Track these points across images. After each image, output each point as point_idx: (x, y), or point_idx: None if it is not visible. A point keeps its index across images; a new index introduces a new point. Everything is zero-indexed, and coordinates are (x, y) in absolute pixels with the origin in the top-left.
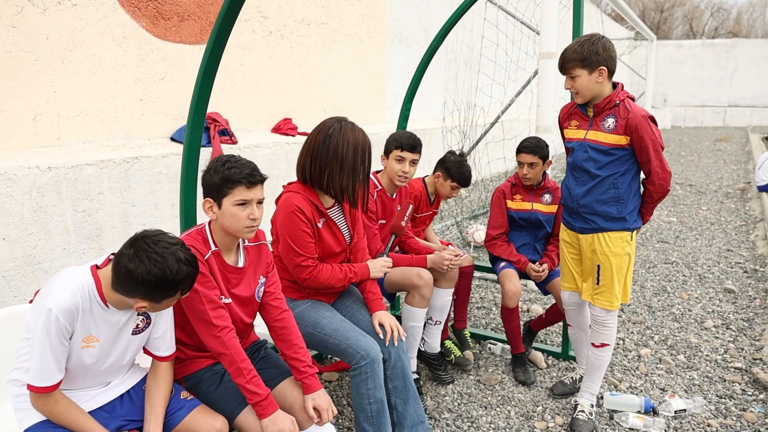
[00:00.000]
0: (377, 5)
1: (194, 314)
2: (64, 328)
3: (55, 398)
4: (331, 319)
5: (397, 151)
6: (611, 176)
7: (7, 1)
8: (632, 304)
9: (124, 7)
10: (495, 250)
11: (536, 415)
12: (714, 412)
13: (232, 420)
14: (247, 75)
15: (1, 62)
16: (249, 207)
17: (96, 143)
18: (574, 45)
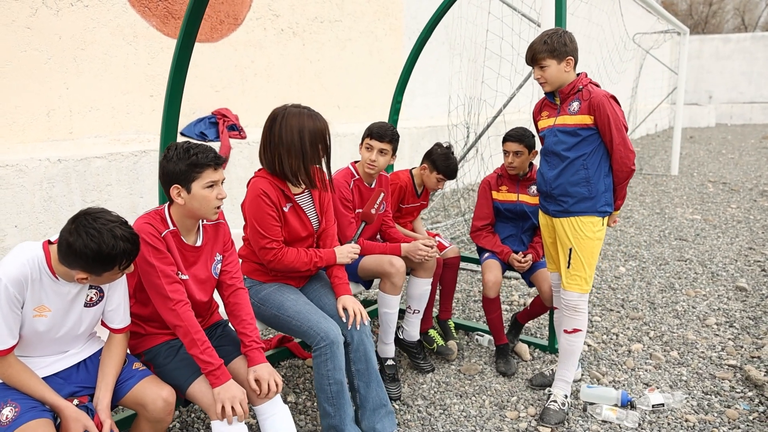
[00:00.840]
0: (394, 2)
1: (151, 288)
2: (14, 296)
3: (9, 362)
4: (295, 301)
5: (368, 139)
6: (580, 157)
7: (22, 3)
8: (634, 300)
9: (134, 7)
10: (480, 240)
11: (509, 405)
12: (695, 407)
13: (185, 389)
14: (258, 72)
15: (17, 61)
16: (217, 187)
17: (107, 137)
18: (543, 38)
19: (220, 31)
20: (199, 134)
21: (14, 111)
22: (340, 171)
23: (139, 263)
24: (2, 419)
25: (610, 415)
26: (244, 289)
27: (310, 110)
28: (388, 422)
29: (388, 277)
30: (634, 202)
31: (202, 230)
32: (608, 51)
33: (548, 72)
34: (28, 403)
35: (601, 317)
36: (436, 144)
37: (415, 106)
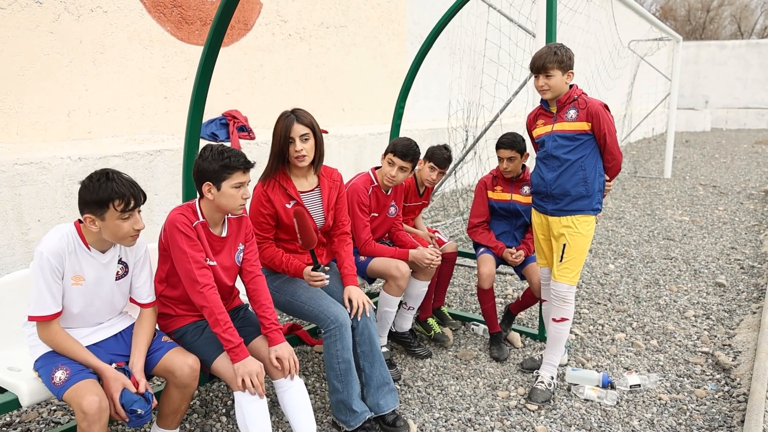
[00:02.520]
0: (397, 8)
1: (183, 272)
2: (55, 267)
3: (55, 330)
4: (307, 289)
5: (391, 155)
6: (579, 160)
7: (45, 9)
8: (620, 294)
9: (150, 13)
10: (476, 236)
11: (501, 386)
12: (668, 388)
13: (210, 364)
14: (267, 75)
15: (40, 64)
16: (243, 188)
17: (123, 137)
18: (551, 49)
19: (230, 36)
20: (210, 135)
21: (37, 111)
22: (360, 176)
23: (172, 249)
24: (56, 380)
25: (591, 394)
26: (261, 276)
27: (283, 115)
28: (391, 399)
29: (393, 280)
30: (627, 203)
31: (227, 223)
32: (602, 59)
33: (553, 81)
34: (77, 367)
35: (589, 310)
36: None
37: (417, 109)
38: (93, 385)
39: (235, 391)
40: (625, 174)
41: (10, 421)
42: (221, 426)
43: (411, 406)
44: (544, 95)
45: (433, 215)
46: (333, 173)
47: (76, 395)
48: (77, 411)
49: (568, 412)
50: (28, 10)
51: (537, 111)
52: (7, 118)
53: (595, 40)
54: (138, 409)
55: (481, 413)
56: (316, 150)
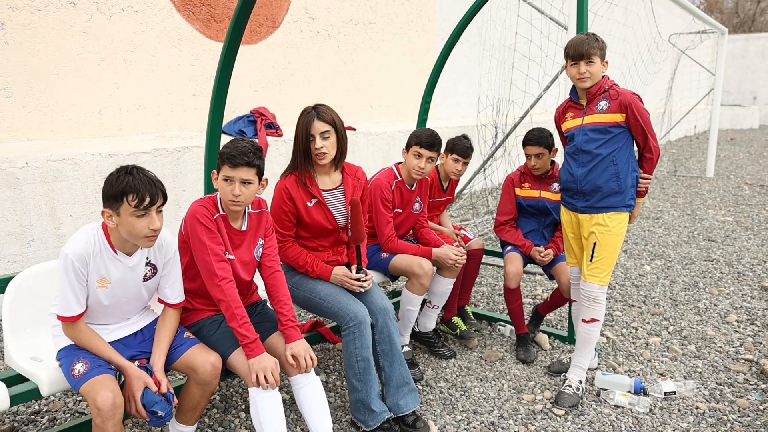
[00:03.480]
0: (427, 5)
1: (201, 264)
2: (79, 270)
3: (79, 328)
4: (326, 285)
5: (416, 147)
6: (610, 154)
7: (78, 10)
8: (656, 297)
9: (179, 11)
10: (503, 235)
11: (527, 389)
12: (707, 396)
13: (226, 358)
14: (295, 72)
15: (73, 63)
16: (231, 184)
17: (153, 134)
18: (592, 36)
19: (258, 33)
20: (238, 132)
21: (70, 109)
22: (383, 171)
23: (191, 241)
24: (75, 373)
25: (622, 400)
26: (280, 272)
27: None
28: (411, 399)
29: (416, 278)
30: (666, 203)
31: (247, 217)
32: (640, 52)
33: (593, 68)
34: (96, 361)
35: (622, 312)
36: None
37: (447, 106)
38: (109, 381)
39: (249, 387)
40: (663, 173)
41: (38, 409)
42: (240, 422)
43: (432, 407)
44: (583, 84)
45: (462, 213)
46: (357, 171)
47: (92, 389)
48: (92, 406)
49: (597, 419)
50: (63, 10)
51: (566, 104)
52: (41, 115)
53: (633, 34)
54: (159, 410)
55: (504, 417)
56: (337, 147)
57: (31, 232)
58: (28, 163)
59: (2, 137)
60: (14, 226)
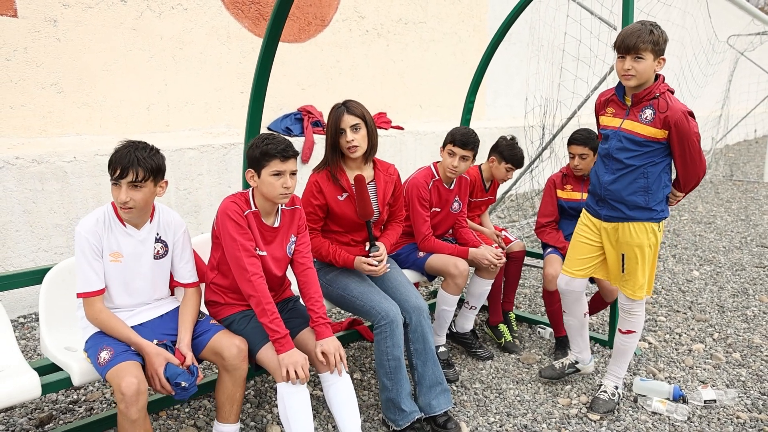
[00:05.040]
0: (478, 4)
1: (232, 260)
2: (93, 245)
3: (99, 308)
4: (359, 283)
5: (450, 145)
6: (642, 166)
7: (128, 7)
8: (702, 303)
9: (228, 9)
10: (544, 236)
11: (563, 393)
12: (749, 406)
13: (255, 353)
14: (343, 71)
15: (123, 60)
16: (283, 177)
17: (200, 130)
18: (646, 27)
19: (307, 32)
20: (285, 129)
21: (119, 105)
22: (421, 170)
23: (222, 237)
24: (101, 360)
25: (659, 407)
26: (312, 269)
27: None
28: (444, 399)
29: (451, 278)
30: (719, 208)
31: (280, 213)
32: (695, 54)
33: (642, 65)
34: (121, 348)
35: (667, 318)
36: (500, 137)
37: (498, 106)
38: (133, 367)
39: (278, 383)
40: (719, 177)
41: (76, 399)
42: (272, 417)
43: (466, 408)
44: (627, 82)
45: (509, 215)
46: (389, 168)
47: (116, 376)
48: (116, 392)
49: (633, 425)
50: (114, 8)
51: (609, 96)
52: (91, 111)
53: (688, 35)
54: (182, 381)
55: (538, 420)
56: (368, 140)
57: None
58: (76, 157)
59: (52, 131)
60: (62, 219)
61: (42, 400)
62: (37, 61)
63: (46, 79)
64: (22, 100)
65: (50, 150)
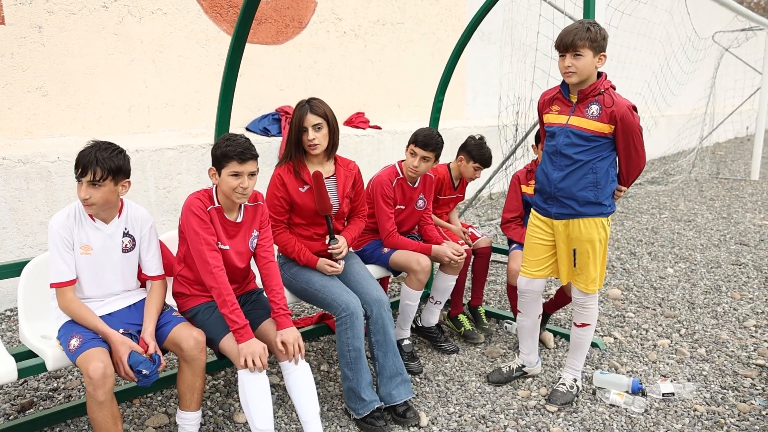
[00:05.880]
0: (457, 4)
1: (195, 253)
2: (64, 238)
3: (70, 297)
4: (321, 276)
5: (412, 145)
6: (590, 161)
7: (110, 13)
8: (673, 300)
9: (207, 13)
10: (509, 232)
11: (524, 386)
12: (708, 399)
13: (218, 342)
14: (321, 72)
15: (105, 64)
16: (240, 178)
17: (179, 131)
18: (584, 25)
19: (285, 34)
20: (263, 129)
21: (101, 107)
22: (385, 169)
23: (186, 231)
24: (71, 347)
25: (617, 400)
26: (274, 262)
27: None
28: (404, 389)
29: (414, 274)
30: (701, 206)
31: (243, 209)
32: (673, 51)
33: (582, 62)
34: (89, 335)
35: (635, 314)
36: (469, 137)
37: (477, 105)
38: (100, 353)
39: (239, 370)
40: (705, 175)
41: (56, 387)
42: (240, 406)
43: (427, 399)
44: (569, 79)
45: (488, 213)
46: (349, 164)
47: (84, 361)
48: (85, 376)
49: (589, 416)
50: (96, 14)
51: (554, 94)
52: (74, 113)
53: (665, 32)
54: (144, 369)
55: (496, 411)
56: (329, 138)
57: None
58: (59, 157)
59: (38, 133)
60: (46, 216)
61: (25, 388)
62: (23, 66)
63: (31, 83)
64: (9, 103)
65: (35, 151)
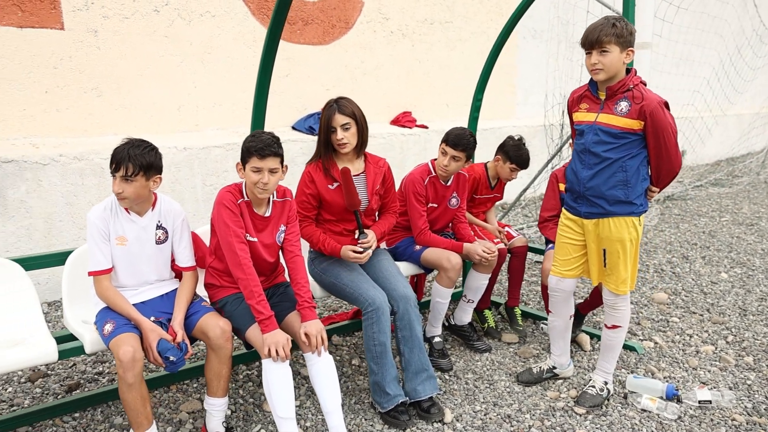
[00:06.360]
0: (507, 2)
1: (225, 245)
2: (101, 229)
3: (106, 285)
4: (350, 272)
5: (444, 144)
6: (620, 159)
7: (161, 16)
8: (723, 306)
9: (254, 15)
10: (545, 231)
11: (554, 387)
12: (749, 409)
13: (244, 332)
14: (368, 72)
15: (156, 65)
16: (260, 173)
17: (227, 129)
18: (609, 21)
19: (331, 34)
20: (308, 128)
21: (152, 107)
22: (418, 167)
23: (217, 224)
24: (105, 331)
25: (649, 405)
26: (300, 257)
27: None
28: (429, 385)
29: (444, 271)
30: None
31: (271, 204)
32: (737, 45)
33: (608, 58)
34: (122, 321)
35: (680, 319)
36: (508, 137)
37: (528, 105)
38: (131, 338)
39: (262, 359)
40: None
41: (102, 371)
42: None
43: (454, 396)
44: (596, 76)
45: (535, 213)
46: (379, 161)
47: (116, 345)
48: (116, 358)
49: (618, 420)
50: (148, 17)
51: (582, 92)
52: (126, 112)
53: (729, 27)
54: (171, 356)
55: (522, 411)
56: (358, 137)
57: None
58: None
59: (93, 132)
60: None
61: (73, 371)
62: (80, 68)
63: (87, 84)
64: (67, 103)
65: (90, 148)
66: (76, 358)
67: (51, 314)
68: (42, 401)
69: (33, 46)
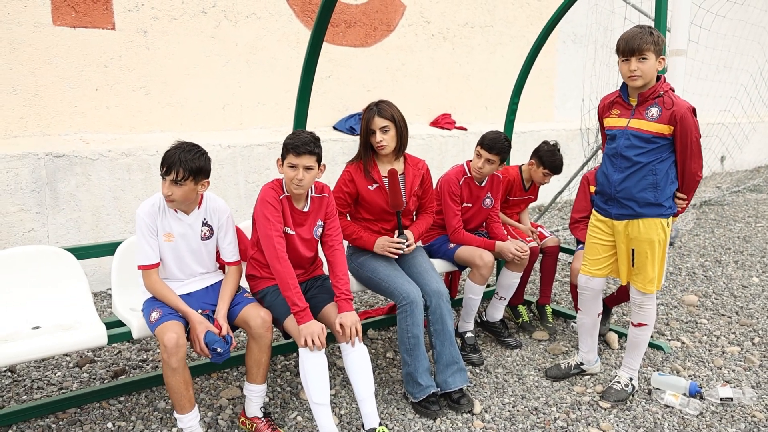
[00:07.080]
0: (548, 7)
1: (264, 239)
2: (149, 225)
3: (154, 278)
4: (386, 266)
5: (479, 147)
6: (650, 163)
7: (208, 18)
8: (753, 308)
9: (299, 17)
10: (576, 232)
11: (581, 382)
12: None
13: (282, 322)
14: (408, 74)
15: (202, 65)
16: (296, 170)
17: (270, 128)
18: (645, 30)
19: (373, 36)
20: (349, 129)
21: (198, 105)
22: (454, 168)
23: (258, 218)
24: (151, 319)
25: (672, 401)
26: (339, 251)
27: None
28: (459, 377)
29: (477, 269)
30: None
31: (310, 200)
32: None
33: (646, 65)
34: (167, 310)
35: (709, 320)
36: (543, 141)
37: (568, 108)
38: (175, 325)
39: (299, 348)
40: None
41: (146, 358)
42: None
43: (484, 389)
44: (634, 82)
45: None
46: (418, 163)
47: (161, 331)
48: (161, 344)
49: (641, 415)
50: (195, 18)
51: (613, 98)
52: (173, 110)
53: (765, 31)
54: (218, 348)
55: (549, 404)
56: (397, 139)
57: None
58: (158, 151)
59: (140, 129)
60: None
61: (119, 357)
62: (130, 67)
63: (136, 83)
64: (116, 101)
65: (137, 145)
66: (121, 345)
67: (97, 303)
68: (89, 385)
69: (85, 45)
